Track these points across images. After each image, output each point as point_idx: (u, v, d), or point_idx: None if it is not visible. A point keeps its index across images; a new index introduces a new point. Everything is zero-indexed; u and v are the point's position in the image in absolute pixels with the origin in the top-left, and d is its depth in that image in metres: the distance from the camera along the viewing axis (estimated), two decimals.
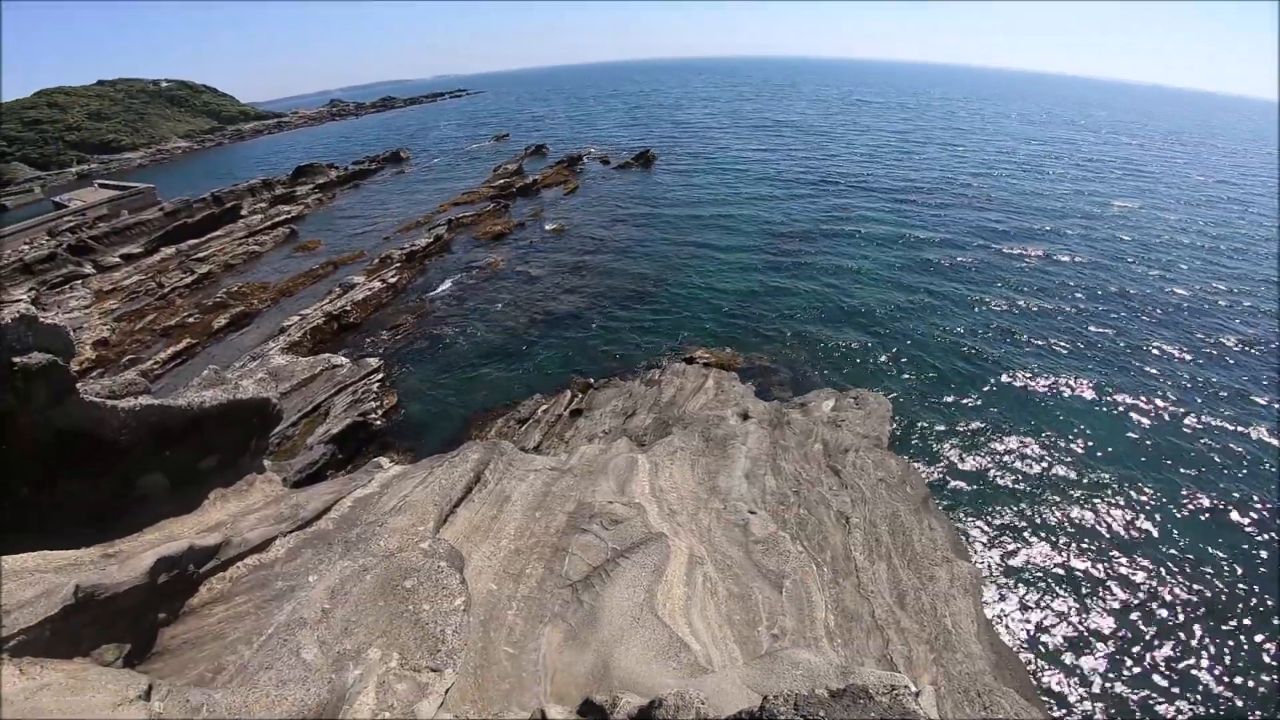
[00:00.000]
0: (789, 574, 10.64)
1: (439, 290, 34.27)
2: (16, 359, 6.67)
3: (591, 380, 23.55)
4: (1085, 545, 16.57)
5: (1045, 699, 12.67)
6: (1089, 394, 22.74)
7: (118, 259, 42.69)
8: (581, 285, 33.77)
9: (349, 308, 30.68)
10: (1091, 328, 27.47)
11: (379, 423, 21.46)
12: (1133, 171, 63.85)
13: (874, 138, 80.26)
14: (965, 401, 22.36)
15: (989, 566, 15.88)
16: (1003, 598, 15.08)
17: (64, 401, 7.30)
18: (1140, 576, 15.70)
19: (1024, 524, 17.24)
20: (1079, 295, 30.79)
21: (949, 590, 11.73)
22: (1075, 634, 14.25)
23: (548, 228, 44.53)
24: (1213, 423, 21.50)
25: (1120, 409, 22.06)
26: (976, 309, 29.21)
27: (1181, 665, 13.59)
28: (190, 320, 31.53)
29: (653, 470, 13.36)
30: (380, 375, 23.68)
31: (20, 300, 31.58)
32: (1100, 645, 14.01)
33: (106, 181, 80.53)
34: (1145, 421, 21.52)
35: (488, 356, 26.71)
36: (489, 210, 49.21)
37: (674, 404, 19.93)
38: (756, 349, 25.84)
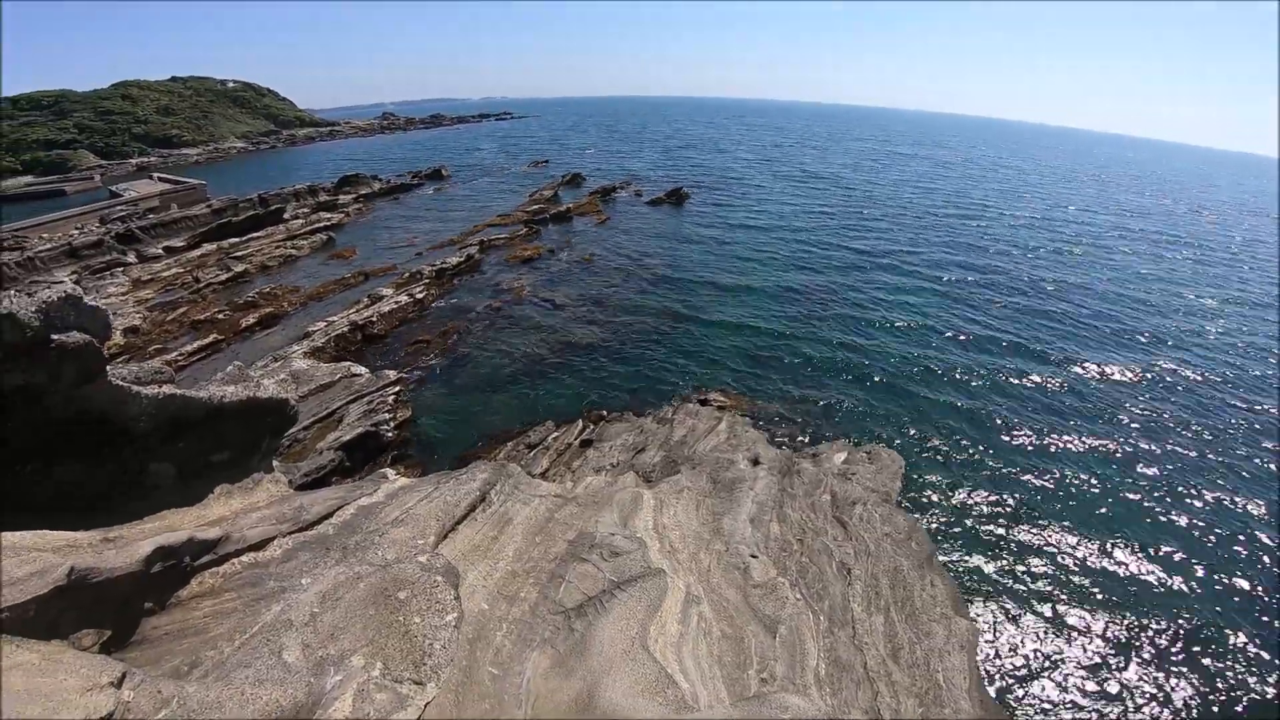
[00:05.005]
0: (785, 620, 10.52)
1: (464, 310, 34.74)
2: (55, 336, 6.86)
3: (604, 412, 23.58)
4: (1087, 614, 16.30)
5: None
6: (1109, 471, 22.29)
7: (160, 250, 44.06)
8: (603, 317, 34.04)
9: (375, 319, 31.22)
10: (1117, 405, 26.95)
11: (390, 434, 21.61)
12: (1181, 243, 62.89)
13: (907, 195, 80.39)
14: (979, 466, 22.02)
15: (987, 626, 15.70)
16: (998, 658, 14.93)
17: (91, 382, 7.48)
18: (1142, 649, 15.41)
19: (1026, 589, 17.02)
20: (1111, 376, 30.12)
21: (945, 646, 11.67)
22: (1068, 699, 14.06)
23: (576, 257, 45.14)
24: (1225, 494, 21.33)
25: (1136, 484, 21.66)
26: (1001, 379, 28.72)
27: None
28: (220, 316, 32.27)
29: (657, 507, 13.26)
30: (397, 388, 23.94)
31: (64, 282, 32.62)
32: (1092, 713, 13.79)
33: (163, 175, 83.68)
34: (1159, 495, 21.17)
35: (504, 380, 26.91)
36: (521, 234, 50.13)
37: (685, 444, 19.84)
38: (772, 397, 25.72)
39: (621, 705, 7.37)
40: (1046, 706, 13.90)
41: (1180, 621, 16.21)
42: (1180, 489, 21.62)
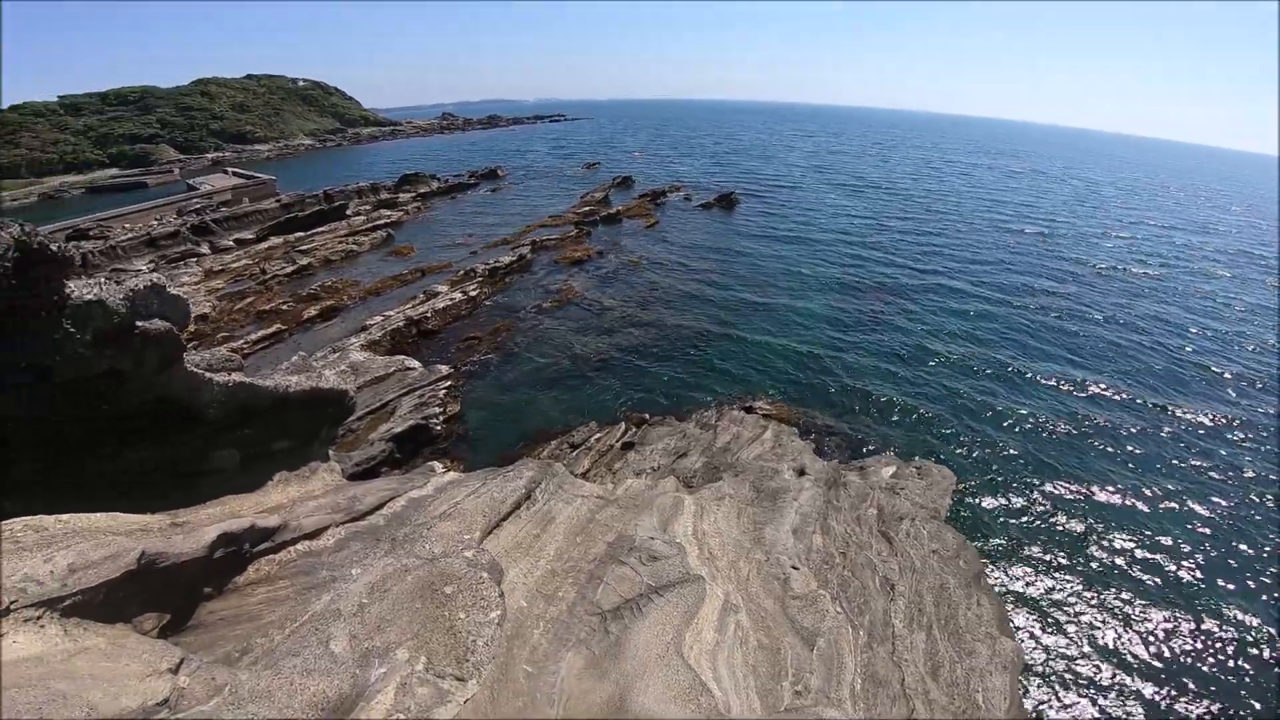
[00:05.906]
0: (824, 633, 10.42)
1: (515, 308, 35.31)
2: (140, 323, 7.28)
3: (646, 416, 23.57)
4: (1139, 644, 15.60)
5: None
6: (1160, 495, 21.19)
7: (231, 242, 46.26)
8: (650, 321, 34.05)
9: (430, 315, 32.05)
10: (1198, 451, 24.84)
11: (439, 428, 22.13)
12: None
13: (969, 206, 77.61)
14: (1036, 499, 20.91)
15: (1033, 648, 15.11)
16: (1042, 681, 14.38)
17: (170, 368, 7.90)
18: (1189, 684, 14.66)
19: (1077, 614, 16.34)
20: (1190, 419, 27.52)
21: (987, 666, 11.41)
22: None
23: (625, 260, 45.29)
24: None
25: (1206, 540, 19.99)
26: (1065, 412, 26.91)
27: None
28: (284, 307, 33.61)
29: (698, 513, 13.23)
30: (448, 383, 24.50)
31: (141, 270, 34.62)
32: None
33: (237, 169, 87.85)
34: (1236, 554, 19.45)
35: (550, 379, 27.21)
36: (572, 235, 50.62)
37: (728, 450, 19.71)
38: (819, 407, 25.20)
39: (653, 710, 7.38)
40: None
41: (1248, 657, 15.21)
42: (1262, 551, 19.60)
